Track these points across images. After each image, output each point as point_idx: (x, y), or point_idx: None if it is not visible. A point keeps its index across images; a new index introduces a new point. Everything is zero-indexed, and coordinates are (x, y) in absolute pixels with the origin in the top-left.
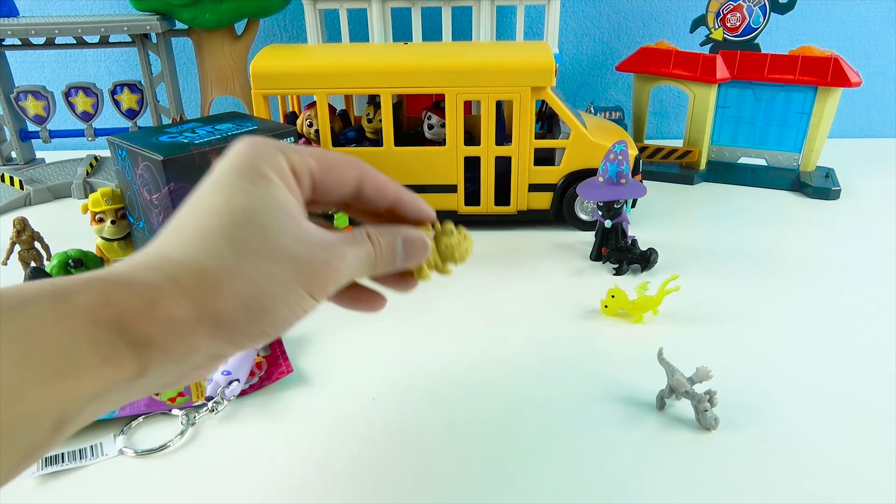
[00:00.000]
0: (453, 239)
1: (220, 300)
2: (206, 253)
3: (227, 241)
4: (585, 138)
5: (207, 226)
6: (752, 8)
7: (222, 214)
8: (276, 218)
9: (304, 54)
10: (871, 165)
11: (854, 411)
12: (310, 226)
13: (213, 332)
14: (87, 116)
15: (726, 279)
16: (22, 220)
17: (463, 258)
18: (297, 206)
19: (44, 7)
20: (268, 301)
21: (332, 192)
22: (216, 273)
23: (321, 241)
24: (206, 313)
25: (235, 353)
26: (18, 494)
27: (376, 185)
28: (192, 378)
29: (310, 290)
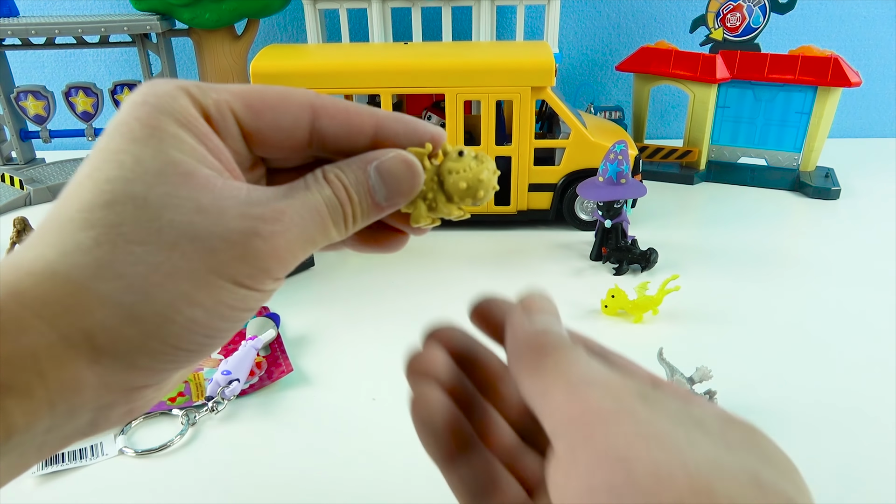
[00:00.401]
0: (461, 163)
1: (89, 313)
2: (59, 250)
3: (85, 228)
4: (585, 138)
5: (64, 212)
6: (752, 8)
7: (83, 193)
8: (165, 185)
9: (304, 54)
10: (871, 165)
11: (854, 411)
12: (230, 185)
13: (95, 358)
14: (87, 116)
15: (726, 279)
16: (22, 219)
17: (476, 191)
18: (210, 162)
19: (44, 7)
20: (162, 303)
21: (275, 139)
22: (73, 276)
23: (244, 204)
24: (73, 334)
25: (159, 380)
26: (19, 494)
27: (340, 118)
28: (116, 422)
29: (233, 277)
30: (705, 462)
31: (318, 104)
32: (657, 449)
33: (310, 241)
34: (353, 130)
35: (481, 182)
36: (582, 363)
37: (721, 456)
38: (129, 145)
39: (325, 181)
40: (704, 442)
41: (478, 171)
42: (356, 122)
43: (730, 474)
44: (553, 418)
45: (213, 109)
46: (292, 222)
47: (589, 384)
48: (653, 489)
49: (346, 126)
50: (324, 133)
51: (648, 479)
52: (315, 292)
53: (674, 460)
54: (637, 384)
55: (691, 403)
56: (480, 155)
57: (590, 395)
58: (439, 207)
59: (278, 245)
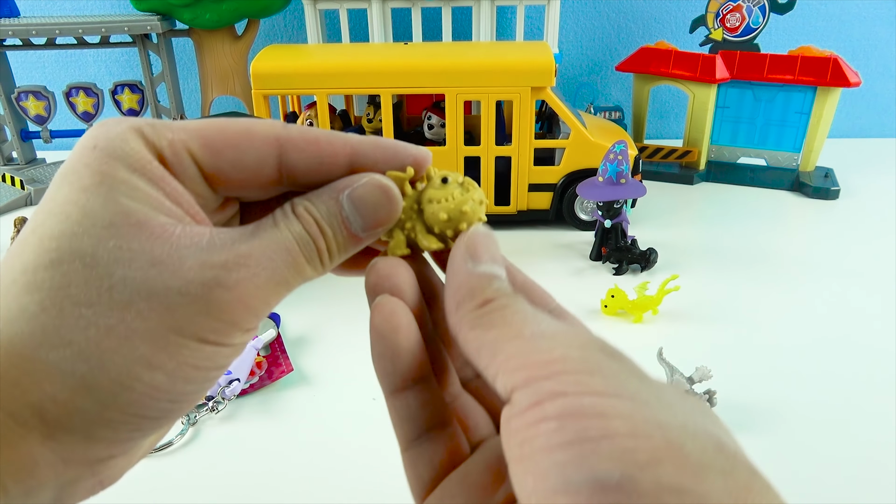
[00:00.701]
0: (444, 191)
1: (37, 386)
2: (1, 317)
3: (29, 291)
4: (585, 138)
5: (7, 274)
6: (752, 8)
7: (27, 252)
8: (115, 237)
9: (305, 54)
10: (871, 165)
11: (854, 410)
12: (189, 232)
13: (48, 434)
14: (87, 116)
15: (726, 279)
16: (23, 219)
17: (458, 223)
18: (167, 208)
19: (44, 7)
20: (118, 370)
21: (239, 178)
22: (17, 345)
23: (204, 251)
24: (20, 410)
25: (125, 449)
26: None
27: (310, 150)
28: (85, 496)
29: (196, 334)
30: (676, 424)
31: (285, 137)
32: (632, 405)
33: (283, 284)
34: (325, 162)
35: (464, 214)
36: (529, 315)
37: (688, 419)
38: (77, 195)
39: (294, 216)
40: (671, 403)
41: (461, 200)
42: (328, 153)
43: (699, 438)
44: (508, 371)
45: (167, 151)
46: (259, 265)
47: (545, 337)
48: (630, 445)
49: (317, 158)
50: (293, 167)
51: (626, 436)
52: (315, 292)
53: (649, 418)
54: (593, 336)
55: None
56: (467, 182)
57: (550, 346)
58: (417, 238)
59: (245, 293)
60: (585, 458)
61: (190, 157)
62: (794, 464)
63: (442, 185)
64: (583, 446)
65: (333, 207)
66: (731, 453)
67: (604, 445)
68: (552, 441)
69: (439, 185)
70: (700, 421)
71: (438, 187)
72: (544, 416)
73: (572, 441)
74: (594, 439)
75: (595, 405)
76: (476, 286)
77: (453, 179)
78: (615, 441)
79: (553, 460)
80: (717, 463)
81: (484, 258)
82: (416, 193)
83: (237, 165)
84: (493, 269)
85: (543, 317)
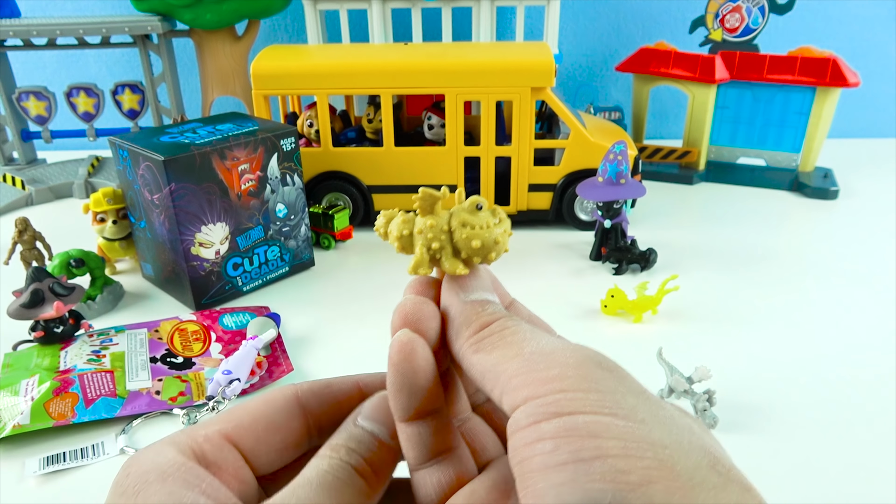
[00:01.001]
0: (478, 218)
1: None
2: None
3: None
4: (585, 138)
5: None
6: (751, 9)
7: None
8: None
9: (305, 55)
10: (870, 166)
11: (853, 410)
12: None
13: None
14: (88, 117)
15: (725, 279)
16: (24, 220)
17: (489, 252)
18: None
19: (45, 8)
20: None
21: (276, 445)
22: None
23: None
24: None
25: None
26: (20, 493)
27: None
28: None
29: None
30: (669, 441)
31: (301, 390)
32: (625, 425)
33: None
34: (339, 398)
35: (496, 244)
36: (528, 334)
37: (683, 435)
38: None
39: (320, 457)
40: (666, 419)
41: (494, 230)
42: (341, 391)
43: (692, 456)
44: (511, 390)
45: (206, 446)
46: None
47: (544, 354)
48: (622, 466)
49: (331, 398)
50: (316, 413)
51: (618, 456)
52: (315, 292)
53: (643, 437)
54: (591, 352)
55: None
56: (498, 211)
57: (548, 363)
58: (443, 260)
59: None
60: (579, 479)
61: (231, 444)
62: (793, 463)
63: (475, 211)
64: (577, 467)
65: (355, 430)
66: (724, 470)
67: (596, 466)
68: (548, 462)
69: (473, 210)
70: (696, 438)
71: (472, 213)
72: (541, 435)
73: (567, 462)
74: (587, 460)
75: (589, 424)
76: (471, 313)
77: (486, 206)
78: (607, 462)
79: (549, 481)
80: (709, 480)
81: (472, 287)
82: (448, 215)
83: (271, 433)
84: (484, 295)
85: (542, 334)
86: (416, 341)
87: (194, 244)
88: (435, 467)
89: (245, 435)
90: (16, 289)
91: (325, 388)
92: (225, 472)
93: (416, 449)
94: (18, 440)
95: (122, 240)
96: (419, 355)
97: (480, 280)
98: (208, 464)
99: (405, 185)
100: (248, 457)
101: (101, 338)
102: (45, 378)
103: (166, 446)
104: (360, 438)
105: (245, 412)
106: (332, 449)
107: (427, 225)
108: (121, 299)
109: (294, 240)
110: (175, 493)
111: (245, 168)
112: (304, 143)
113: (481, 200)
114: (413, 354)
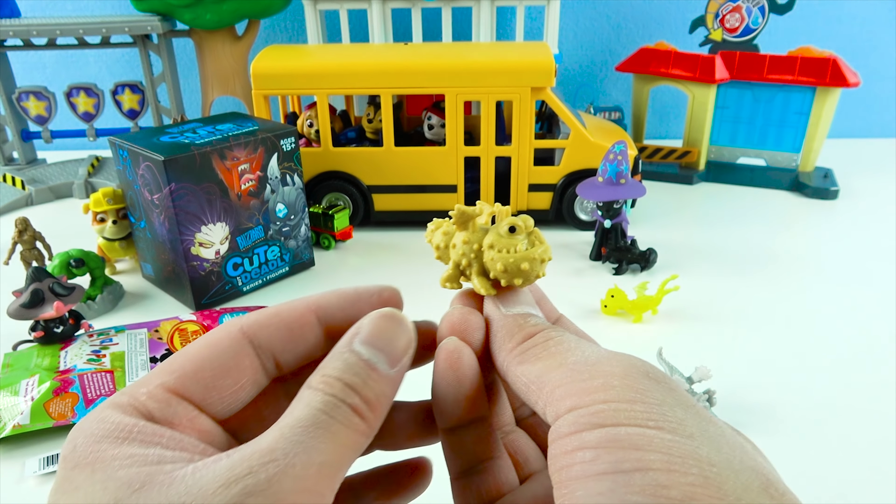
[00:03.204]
0: (507, 241)
1: None
2: None
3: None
4: (585, 138)
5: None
6: (751, 9)
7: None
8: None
9: (305, 55)
10: (870, 166)
11: (853, 410)
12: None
13: None
14: (88, 117)
15: (725, 279)
16: (24, 220)
17: (513, 277)
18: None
19: (45, 8)
20: None
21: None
22: None
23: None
24: None
25: None
26: (19, 494)
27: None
28: None
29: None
30: (718, 459)
31: (247, 324)
32: (671, 438)
33: (326, 464)
34: (293, 328)
35: (521, 272)
36: (573, 344)
37: (734, 454)
38: (76, 497)
39: (310, 389)
40: (716, 436)
41: (522, 256)
42: (293, 318)
43: (742, 476)
44: (554, 401)
45: (151, 404)
46: (289, 454)
47: (588, 363)
48: (663, 480)
49: (285, 328)
50: (271, 348)
51: (661, 470)
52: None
53: (689, 453)
54: (638, 361)
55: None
56: (535, 235)
57: (593, 373)
58: (471, 278)
59: (284, 488)
60: (618, 490)
61: (178, 397)
62: (793, 463)
63: (509, 233)
64: (616, 478)
65: (351, 358)
66: (777, 494)
67: (637, 478)
68: (587, 471)
69: (506, 232)
70: (748, 457)
71: (505, 235)
72: (582, 444)
73: (606, 472)
74: (628, 472)
75: (632, 436)
76: (513, 325)
77: (522, 230)
78: (648, 475)
79: (587, 489)
80: (759, 502)
81: (513, 302)
82: (482, 234)
83: (219, 378)
84: (525, 309)
85: (587, 344)
86: (463, 349)
87: (194, 244)
88: (476, 476)
89: (191, 385)
90: (16, 289)
91: (273, 318)
92: (179, 425)
93: (459, 457)
94: (18, 440)
95: (122, 240)
96: (465, 363)
97: (521, 296)
98: (157, 421)
99: (405, 185)
100: (201, 405)
101: (101, 338)
102: (45, 378)
103: (108, 410)
104: (357, 369)
105: (186, 359)
106: (325, 383)
107: (460, 241)
108: (121, 299)
109: (294, 240)
110: (136, 454)
111: (245, 168)
112: (304, 143)
113: (517, 223)
114: (459, 362)
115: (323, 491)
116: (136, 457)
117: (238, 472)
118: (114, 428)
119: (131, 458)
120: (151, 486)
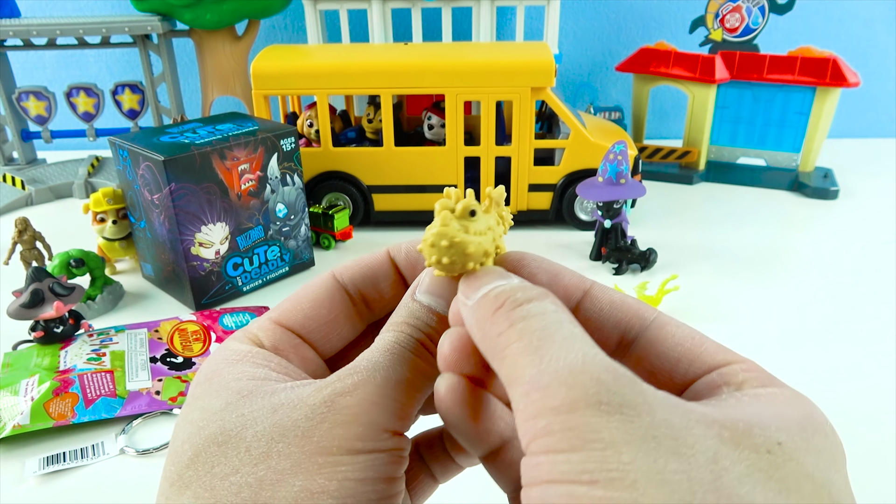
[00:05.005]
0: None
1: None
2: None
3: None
4: (585, 138)
5: (160, 496)
6: (751, 9)
7: (167, 466)
8: (235, 411)
9: (305, 55)
10: (870, 166)
11: (853, 410)
12: (299, 382)
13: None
14: (88, 117)
15: (725, 279)
16: (23, 220)
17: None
18: (275, 377)
19: (45, 8)
20: None
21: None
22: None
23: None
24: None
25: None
26: (20, 493)
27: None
28: None
29: (343, 446)
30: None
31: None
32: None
33: (402, 381)
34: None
35: (467, 256)
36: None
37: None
38: (202, 401)
39: (386, 332)
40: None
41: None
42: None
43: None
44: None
45: (263, 336)
46: (370, 370)
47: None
48: None
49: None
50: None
51: None
52: None
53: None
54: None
55: None
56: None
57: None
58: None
59: (368, 393)
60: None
61: (282, 327)
62: None
63: (467, 217)
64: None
65: (414, 305)
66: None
67: None
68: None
69: (465, 216)
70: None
71: (463, 218)
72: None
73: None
74: None
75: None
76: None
77: (481, 211)
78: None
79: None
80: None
81: (476, 287)
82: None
83: (316, 308)
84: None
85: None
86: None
87: (194, 244)
88: None
89: (292, 316)
90: (16, 289)
91: (357, 261)
92: (284, 351)
93: (505, 479)
94: (18, 440)
95: (122, 240)
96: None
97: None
98: (267, 349)
99: (405, 185)
100: (302, 334)
101: (101, 338)
102: (45, 378)
103: (229, 341)
104: (419, 315)
105: (287, 299)
106: (395, 326)
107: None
108: (121, 299)
109: (294, 240)
110: (247, 371)
111: (245, 168)
112: (304, 143)
113: (474, 205)
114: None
115: (403, 401)
116: (246, 373)
117: (329, 380)
118: (231, 353)
119: (242, 373)
120: (256, 394)
